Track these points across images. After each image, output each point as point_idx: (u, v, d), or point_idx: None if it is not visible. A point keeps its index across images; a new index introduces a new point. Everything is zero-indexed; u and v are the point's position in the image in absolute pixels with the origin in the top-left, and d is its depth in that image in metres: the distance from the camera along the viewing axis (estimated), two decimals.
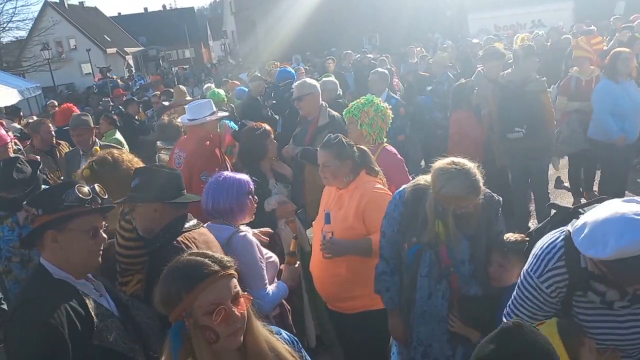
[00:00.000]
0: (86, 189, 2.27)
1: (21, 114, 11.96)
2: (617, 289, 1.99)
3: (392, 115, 4.36)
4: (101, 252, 2.32)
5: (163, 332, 2.53)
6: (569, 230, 2.08)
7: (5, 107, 13.86)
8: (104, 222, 2.35)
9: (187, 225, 2.80)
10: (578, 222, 1.99)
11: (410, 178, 4.10)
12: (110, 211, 2.42)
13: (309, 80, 5.54)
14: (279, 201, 4.12)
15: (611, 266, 1.89)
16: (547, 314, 2.18)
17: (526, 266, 2.22)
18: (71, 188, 2.24)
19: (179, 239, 2.71)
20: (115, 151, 3.50)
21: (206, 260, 1.76)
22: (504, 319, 2.30)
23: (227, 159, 5.02)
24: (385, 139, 4.29)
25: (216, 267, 1.74)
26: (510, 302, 2.30)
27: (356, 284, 3.34)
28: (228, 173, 3.38)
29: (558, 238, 2.13)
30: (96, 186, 2.33)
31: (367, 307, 3.37)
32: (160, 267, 1.85)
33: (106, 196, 2.38)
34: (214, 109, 5.06)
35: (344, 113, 4.38)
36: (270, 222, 3.87)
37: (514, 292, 2.27)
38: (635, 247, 1.79)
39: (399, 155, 4.21)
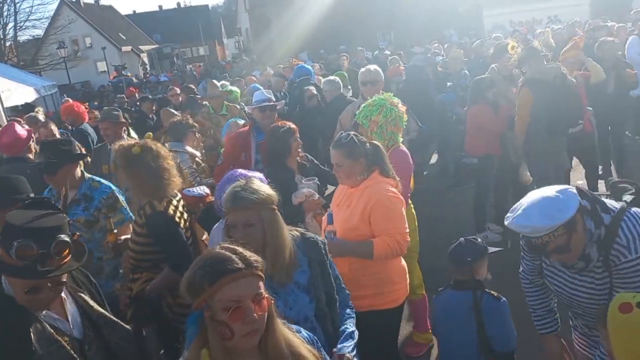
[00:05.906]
0: (28, 252, 2.05)
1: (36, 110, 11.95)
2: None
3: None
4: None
5: (138, 354, 2.49)
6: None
7: (21, 105, 13.95)
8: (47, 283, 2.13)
9: None
10: None
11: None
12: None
13: (375, 68, 5.82)
14: (307, 194, 3.99)
15: None
16: None
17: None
18: (12, 246, 2.04)
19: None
20: (159, 144, 3.57)
21: (234, 256, 1.76)
22: None
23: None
24: (401, 139, 4.16)
25: (241, 265, 1.74)
26: None
27: (358, 284, 3.21)
28: (242, 171, 3.29)
29: None
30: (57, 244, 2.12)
31: (372, 307, 3.27)
32: None
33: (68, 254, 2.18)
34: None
35: (356, 117, 4.23)
36: (298, 215, 3.80)
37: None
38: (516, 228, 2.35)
39: (409, 160, 4.09)
